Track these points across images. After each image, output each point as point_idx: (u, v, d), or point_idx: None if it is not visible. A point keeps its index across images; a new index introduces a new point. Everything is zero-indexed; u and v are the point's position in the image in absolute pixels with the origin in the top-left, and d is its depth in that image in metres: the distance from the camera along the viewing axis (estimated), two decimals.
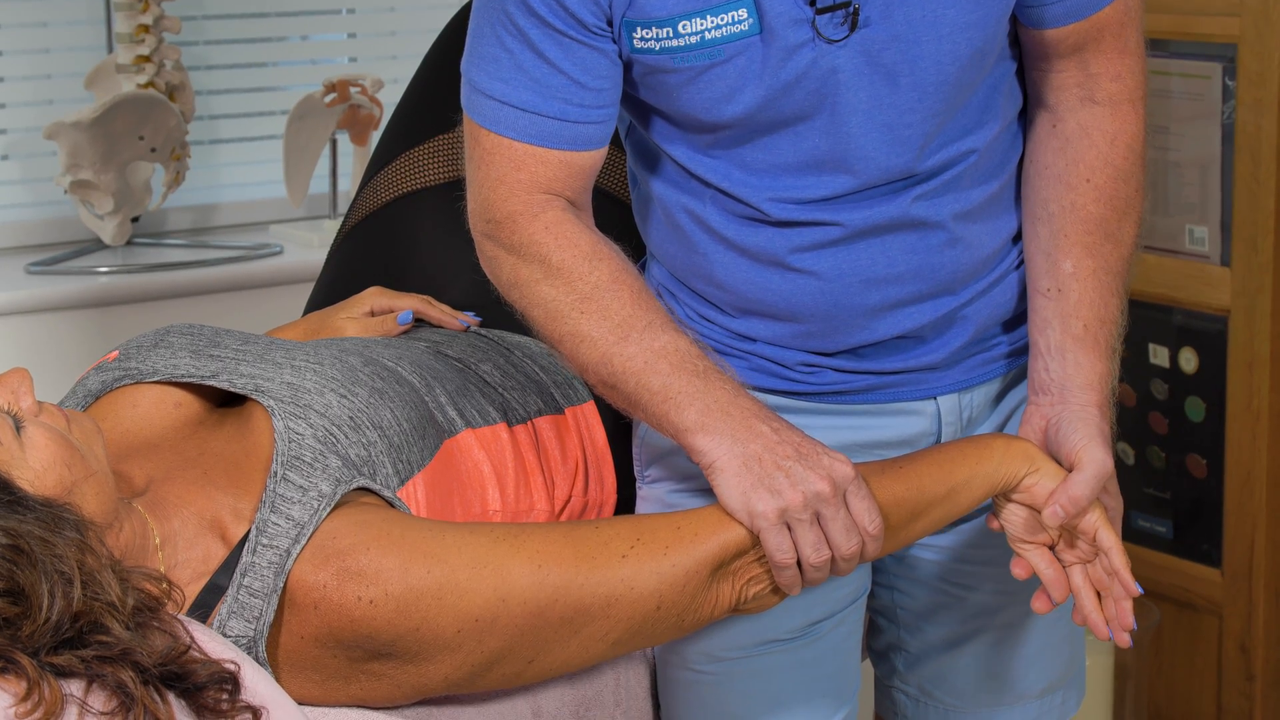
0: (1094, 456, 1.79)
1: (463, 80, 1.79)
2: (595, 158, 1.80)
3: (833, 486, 1.69)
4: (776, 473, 1.70)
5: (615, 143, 2.00)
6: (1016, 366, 1.95)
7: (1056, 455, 1.82)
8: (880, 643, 2.11)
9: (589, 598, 1.69)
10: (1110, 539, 1.79)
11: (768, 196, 1.79)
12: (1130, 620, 1.80)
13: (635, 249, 1.96)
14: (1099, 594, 1.82)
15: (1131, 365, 3.11)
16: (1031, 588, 1.85)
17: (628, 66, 1.76)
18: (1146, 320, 3.08)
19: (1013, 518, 1.83)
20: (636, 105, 1.83)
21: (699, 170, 1.81)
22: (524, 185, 1.78)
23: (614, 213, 2.11)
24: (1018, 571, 1.84)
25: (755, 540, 1.72)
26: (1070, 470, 1.80)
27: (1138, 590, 1.79)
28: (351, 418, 1.79)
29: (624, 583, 1.70)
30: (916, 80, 1.74)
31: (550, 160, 1.77)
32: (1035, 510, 1.81)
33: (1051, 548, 1.83)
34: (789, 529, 1.70)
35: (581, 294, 1.77)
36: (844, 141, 1.75)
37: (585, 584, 1.68)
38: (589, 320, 1.77)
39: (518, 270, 1.80)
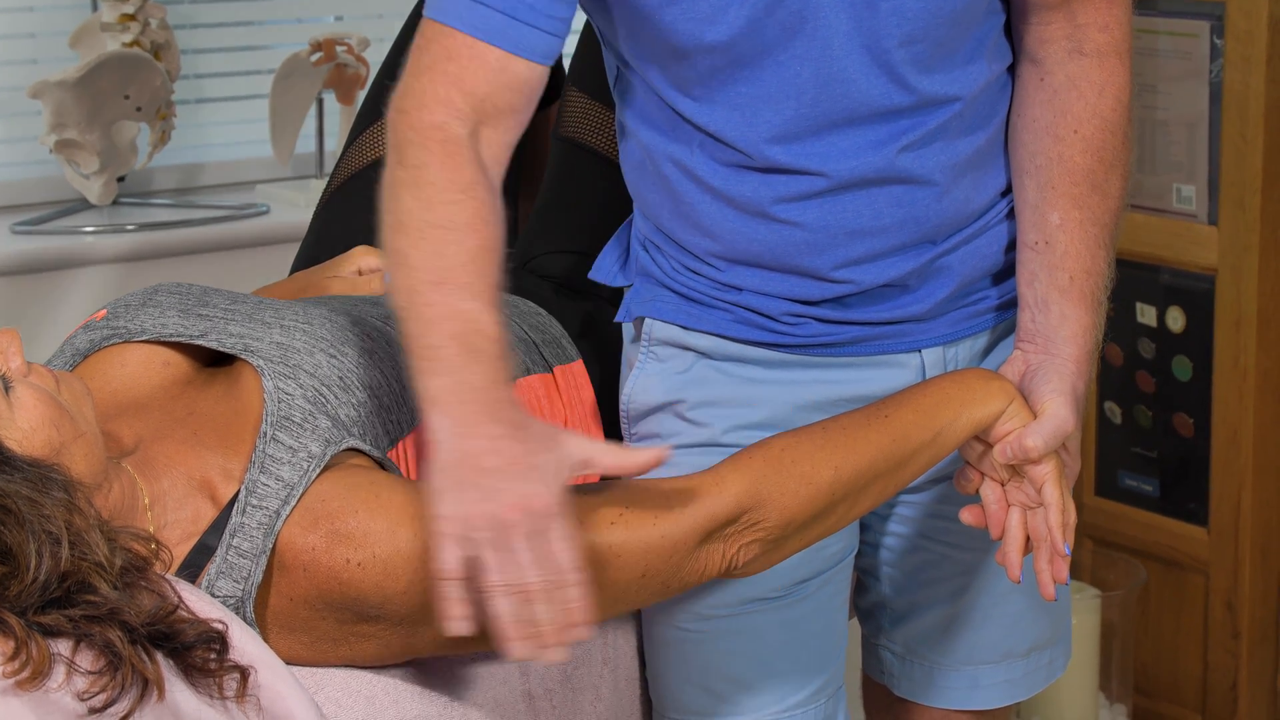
0: (1055, 411, 1.80)
1: None
2: (532, 75, 1.72)
3: (522, 516, 1.58)
4: (476, 481, 1.59)
5: (600, 98, 1.99)
6: (1005, 320, 1.95)
7: (1027, 401, 1.83)
8: (867, 601, 2.11)
9: None
10: (1054, 495, 1.80)
11: (754, 136, 1.78)
12: (1063, 575, 1.81)
13: (624, 209, 1.95)
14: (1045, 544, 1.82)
15: (1118, 324, 3.12)
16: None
17: None
18: (1133, 279, 3.08)
19: (969, 448, 1.84)
20: (623, 44, 1.81)
21: (687, 112, 1.80)
22: (449, 79, 1.70)
23: (597, 169, 2.11)
24: (966, 517, 1.85)
25: (747, 507, 1.73)
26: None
27: (1065, 552, 1.80)
28: (341, 378, 1.78)
29: (610, 549, 1.69)
30: (896, 4, 1.74)
31: (487, 60, 1.70)
32: (990, 446, 1.83)
33: (1005, 485, 1.84)
34: (473, 544, 1.59)
35: (431, 221, 1.68)
36: (827, 65, 1.75)
37: None
38: (422, 249, 1.67)
39: (394, 171, 1.71)
